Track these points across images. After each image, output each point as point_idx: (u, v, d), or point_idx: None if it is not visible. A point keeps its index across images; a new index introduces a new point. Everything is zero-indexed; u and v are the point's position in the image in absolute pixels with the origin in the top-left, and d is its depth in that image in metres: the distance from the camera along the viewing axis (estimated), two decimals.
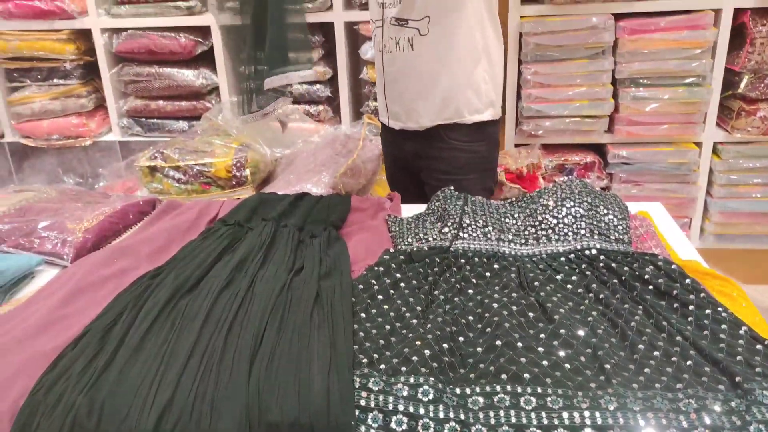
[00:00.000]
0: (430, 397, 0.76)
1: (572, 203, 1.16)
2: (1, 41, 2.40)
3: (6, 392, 0.80)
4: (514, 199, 1.27)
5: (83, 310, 0.96)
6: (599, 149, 2.40)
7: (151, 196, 1.55)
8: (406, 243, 1.16)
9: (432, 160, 1.69)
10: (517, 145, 2.35)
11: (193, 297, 0.96)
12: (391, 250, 1.13)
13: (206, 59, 2.49)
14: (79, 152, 2.58)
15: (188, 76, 2.44)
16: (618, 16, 2.17)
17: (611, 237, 1.12)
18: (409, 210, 1.35)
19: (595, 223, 1.14)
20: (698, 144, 2.29)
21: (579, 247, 1.10)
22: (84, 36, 2.47)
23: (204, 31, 2.43)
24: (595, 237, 1.11)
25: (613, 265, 1.05)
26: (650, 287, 0.99)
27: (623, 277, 1.01)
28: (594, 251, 1.09)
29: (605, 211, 1.16)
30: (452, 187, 1.29)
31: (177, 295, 0.97)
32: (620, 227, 1.14)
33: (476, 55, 1.58)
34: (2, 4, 2.36)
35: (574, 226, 1.13)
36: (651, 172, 2.31)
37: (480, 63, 1.59)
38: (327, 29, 2.50)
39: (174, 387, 0.78)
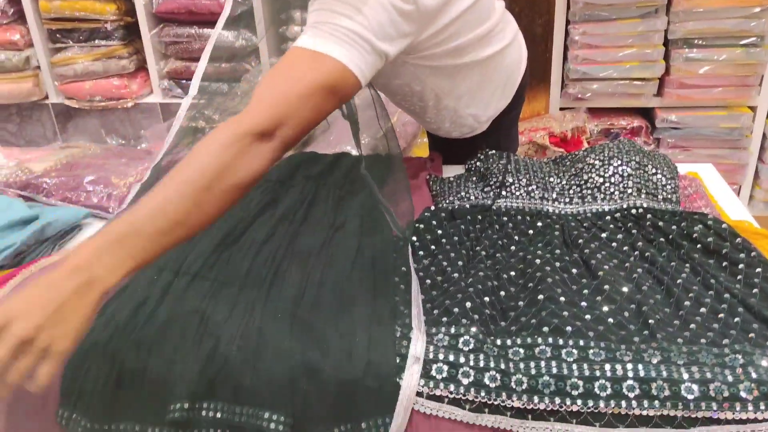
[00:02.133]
0: (471, 346, 0.76)
1: (619, 162, 1.13)
2: (44, 1, 2.43)
3: None
4: (558, 157, 1.24)
5: None
6: (647, 113, 2.32)
7: None
8: (448, 202, 1.15)
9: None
10: (562, 109, 2.29)
11: (235, 250, 0.97)
12: (432, 208, 1.12)
13: (246, 20, 2.48)
14: (121, 114, 2.62)
15: (228, 37, 2.44)
16: None
17: (659, 196, 1.09)
18: (451, 171, 1.33)
19: (642, 182, 1.10)
20: (752, 108, 2.20)
21: (625, 206, 1.07)
22: None
23: None
24: (642, 196, 1.08)
25: (661, 223, 1.02)
26: (698, 246, 0.96)
27: (670, 236, 0.99)
28: (641, 210, 1.06)
29: (653, 171, 1.12)
30: (493, 151, 1.25)
31: (220, 247, 0.98)
32: (669, 186, 1.11)
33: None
34: None
35: (621, 185, 1.10)
36: (701, 137, 2.23)
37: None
38: None
39: (218, 337, 0.79)
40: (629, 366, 0.73)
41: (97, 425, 0.77)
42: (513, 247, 0.99)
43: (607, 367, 0.73)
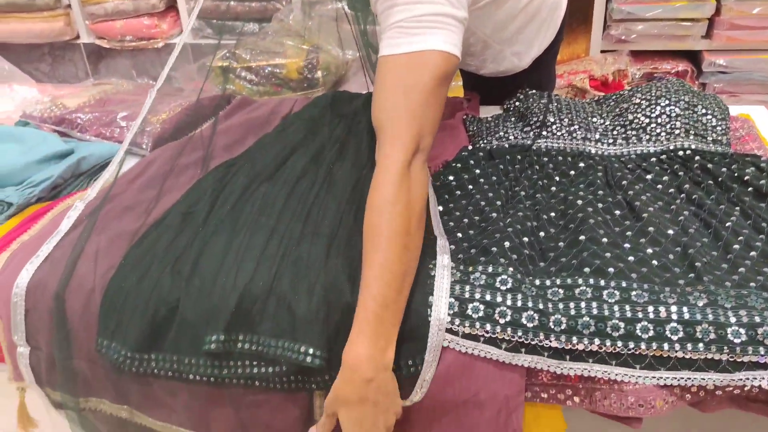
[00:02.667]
0: (509, 286, 0.74)
1: (667, 102, 1.07)
2: None
3: (94, 267, 0.83)
4: (602, 97, 1.19)
5: (164, 195, 0.98)
6: (693, 57, 2.21)
7: (225, 93, 1.55)
8: (485, 141, 1.12)
9: None
10: (603, 51, 2.20)
11: (270, 186, 0.96)
12: (470, 147, 1.09)
13: None
14: (152, 54, 2.60)
15: None
16: None
17: (708, 138, 1.04)
18: (488, 111, 1.29)
19: (691, 123, 1.05)
20: None
21: (672, 147, 1.03)
22: None
23: None
24: (691, 137, 1.03)
25: (709, 166, 0.97)
26: (749, 189, 0.92)
27: (719, 178, 0.94)
28: (689, 152, 1.02)
29: (703, 111, 1.07)
30: (533, 91, 1.21)
31: (254, 183, 0.97)
32: (719, 128, 1.06)
33: None
34: None
35: (668, 125, 1.05)
36: (750, 83, 2.12)
37: None
38: None
39: (254, 268, 0.78)
40: (673, 308, 0.71)
41: (137, 355, 0.78)
42: (553, 188, 0.96)
43: (650, 309, 0.71)
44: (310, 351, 0.73)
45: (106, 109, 1.28)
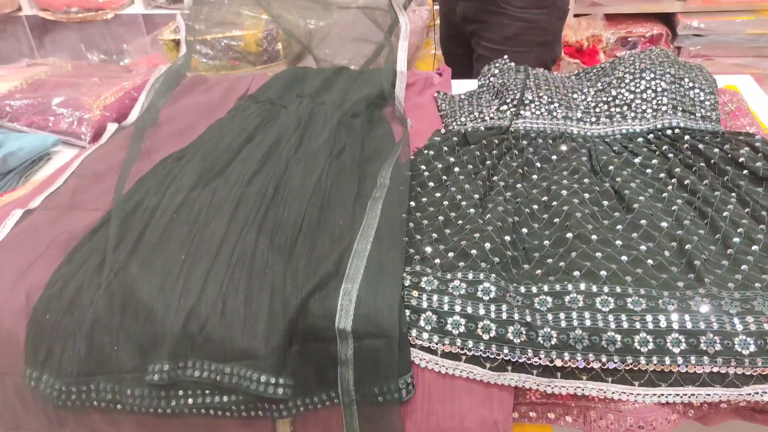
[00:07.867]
0: (492, 295, 0.66)
1: (652, 75, 0.99)
2: None
3: (20, 287, 0.73)
4: (582, 71, 1.11)
5: (100, 197, 0.87)
6: (667, 20, 2.14)
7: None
8: (459, 123, 1.02)
9: (481, 25, 1.49)
10: (576, 15, 2.11)
11: (221, 183, 0.86)
12: (442, 130, 1.00)
13: None
14: (101, 27, 2.43)
15: None
16: None
17: (697, 114, 0.97)
18: (462, 86, 1.20)
19: (678, 98, 0.98)
20: None
21: (659, 126, 0.95)
22: None
23: None
24: (679, 114, 0.96)
25: (701, 146, 0.90)
26: (745, 172, 0.85)
27: (712, 160, 0.87)
28: (677, 131, 0.94)
29: (690, 84, 1.00)
30: (507, 58, 1.13)
31: (203, 180, 0.87)
32: (708, 103, 0.98)
33: None
34: None
35: (654, 101, 0.98)
36: (725, 45, 2.06)
37: None
38: None
39: (202, 285, 0.69)
40: (674, 317, 0.63)
41: (74, 387, 0.68)
42: (534, 176, 0.88)
43: (649, 318, 0.64)
44: (273, 380, 0.64)
45: (40, 94, 1.15)
